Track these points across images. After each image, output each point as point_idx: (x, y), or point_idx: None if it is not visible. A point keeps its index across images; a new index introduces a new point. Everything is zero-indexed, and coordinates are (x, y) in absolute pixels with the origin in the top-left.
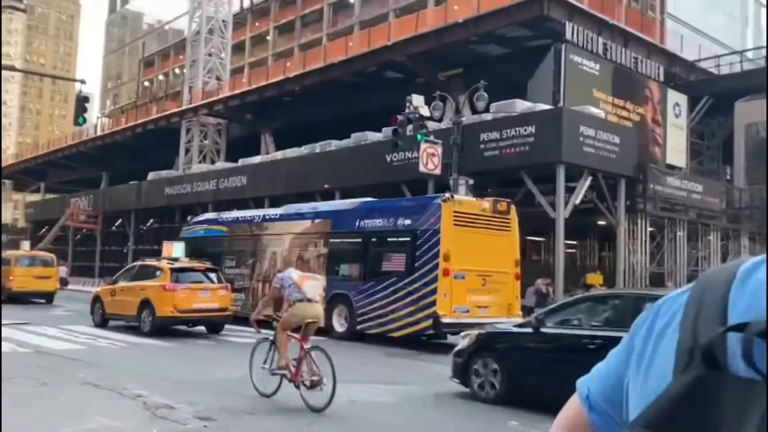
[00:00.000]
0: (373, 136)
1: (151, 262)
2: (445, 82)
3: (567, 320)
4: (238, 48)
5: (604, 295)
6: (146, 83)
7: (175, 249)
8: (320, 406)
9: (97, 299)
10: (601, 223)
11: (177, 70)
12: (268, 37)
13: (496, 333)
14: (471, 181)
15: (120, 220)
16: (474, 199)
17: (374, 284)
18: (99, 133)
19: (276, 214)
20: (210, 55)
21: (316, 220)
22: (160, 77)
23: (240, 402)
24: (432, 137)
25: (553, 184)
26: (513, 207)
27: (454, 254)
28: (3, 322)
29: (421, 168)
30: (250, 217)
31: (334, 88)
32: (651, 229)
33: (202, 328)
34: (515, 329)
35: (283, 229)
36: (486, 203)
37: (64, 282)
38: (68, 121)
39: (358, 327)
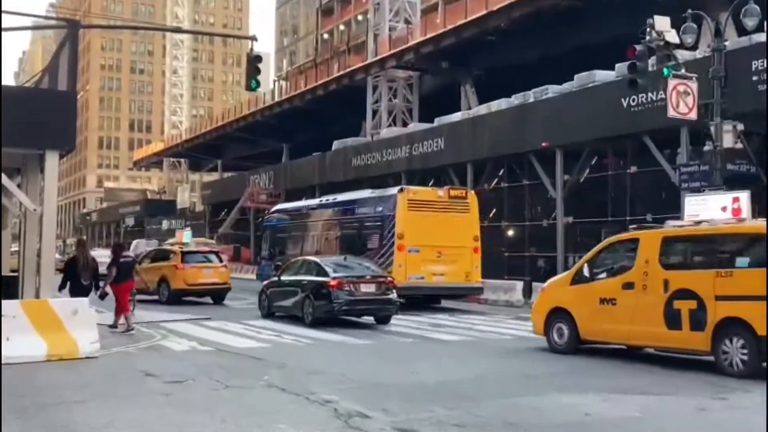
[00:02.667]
0: (602, 76)
1: (166, 246)
2: None
3: (288, 273)
4: None
5: (296, 260)
6: (325, 36)
7: (186, 236)
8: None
9: None
10: None
11: (360, 17)
12: None
13: (269, 282)
14: (740, 126)
15: (304, 198)
16: (430, 188)
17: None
18: (276, 98)
19: (314, 204)
20: None
21: (335, 209)
22: (341, 27)
23: (442, 411)
24: (683, 71)
25: None
26: (471, 192)
27: (408, 234)
28: (184, 317)
29: (670, 112)
30: (299, 207)
31: (548, 19)
32: None
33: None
34: (275, 280)
35: (317, 216)
36: (441, 191)
37: None
38: (242, 88)
39: None
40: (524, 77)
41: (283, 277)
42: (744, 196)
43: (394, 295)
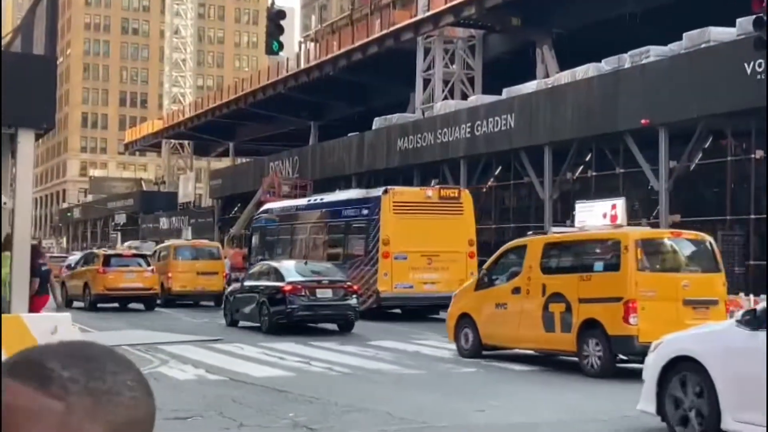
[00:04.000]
0: (718, 34)
1: (95, 250)
2: None
3: (251, 278)
4: None
5: (259, 265)
6: None
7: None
8: None
9: (63, 285)
10: None
11: None
12: None
13: (232, 288)
14: None
15: (336, 190)
16: (418, 188)
17: (348, 266)
18: (303, 65)
19: (303, 205)
20: None
21: (323, 210)
22: None
23: None
24: None
25: None
26: (465, 192)
27: (394, 239)
28: (190, 338)
29: None
30: (287, 207)
31: None
32: None
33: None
34: (238, 286)
35: (306, 218)
36: (430, 191)
37: (229, 280)
38: (260, 51)
39: None
40: (618, 36)
41: (246, 283)
42: (620, 203)
43: (354, 301)
